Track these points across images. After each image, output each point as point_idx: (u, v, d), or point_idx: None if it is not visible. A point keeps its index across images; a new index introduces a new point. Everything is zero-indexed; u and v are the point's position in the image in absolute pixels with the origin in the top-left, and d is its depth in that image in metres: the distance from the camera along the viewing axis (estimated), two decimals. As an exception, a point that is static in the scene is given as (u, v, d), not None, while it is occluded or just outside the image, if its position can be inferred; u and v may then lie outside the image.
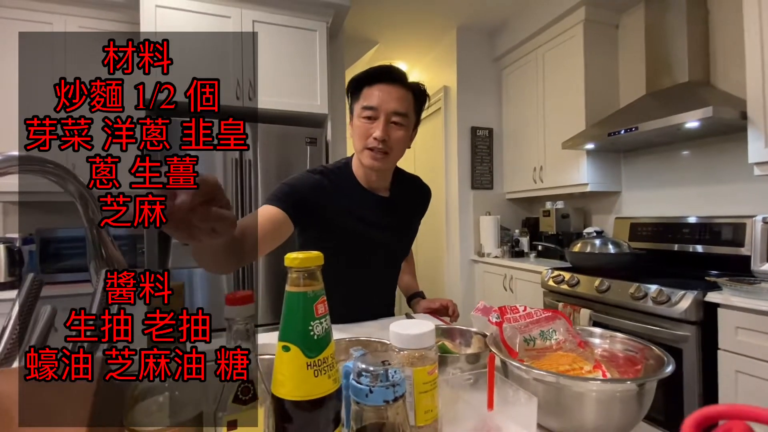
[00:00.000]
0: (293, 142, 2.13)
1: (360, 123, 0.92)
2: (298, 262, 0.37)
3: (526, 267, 2.43)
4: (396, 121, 0.91)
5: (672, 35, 2.00)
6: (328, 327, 0.38)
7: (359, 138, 0.92)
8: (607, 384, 0.49)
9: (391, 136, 0.91)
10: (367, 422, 0.41)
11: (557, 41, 2.58)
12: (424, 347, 0.51)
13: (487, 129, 3.14)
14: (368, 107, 0.90)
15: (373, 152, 0.91)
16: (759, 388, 1.33)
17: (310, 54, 2.25)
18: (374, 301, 1.07)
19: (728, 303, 1.40)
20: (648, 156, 2.34)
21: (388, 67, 0.93)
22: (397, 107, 0.90)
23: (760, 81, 1.57)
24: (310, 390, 0.36)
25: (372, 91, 0.91)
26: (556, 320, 0.66)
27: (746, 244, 1.76)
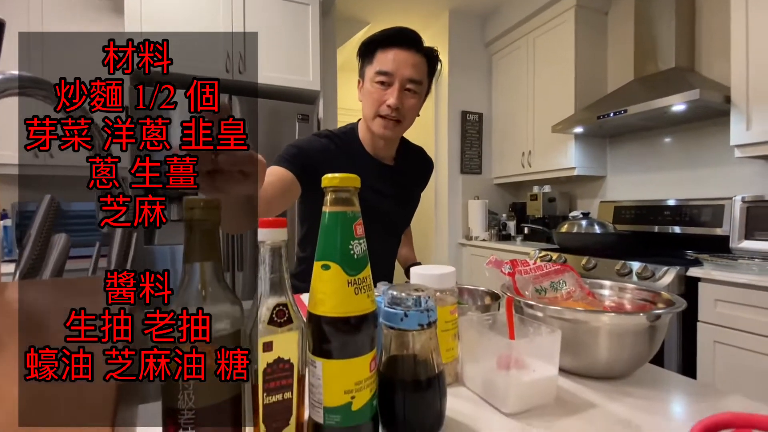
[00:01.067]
0: (284, 118, 2.09)
1: (373, 88, 0.88)
2: (338, 181, 0.37)
3: (513, 249, 2.48)
4: (410, 89, 0.88)
5: (659, 22, 2.05)
6: (365, 249, 0.38)
7: (371, 104, 0.89)
8: (621, 317, 0.50)
9: (405, 104, 0.88)
10: (402, 348, 0.41)
11: (548, 27, 2.60)
12: (446, 288, 0.52)
13: (477, 114, 3.16)
14: (383, 72, 0.86)
15: (385, 120, 0.88)
16: (735, 356, 1.40)
17: (303, 28, 2.20)
18: (373, 269, 1.07)
19: (709, 277, 1.47)
20: (632, 142, 2.41)
21: (405, 29, 0.89)
22: (413, 74, 0.87)
23: (744, 66, 1.63)
24: (352, 307, 0.36)
25: (387, 55, 0.87)
26: (565, 273, 0.68)
27: (723, 225, 1.84)
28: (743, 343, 1.38)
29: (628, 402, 0.47)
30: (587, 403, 0.47)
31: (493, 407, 0.46)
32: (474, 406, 0.47)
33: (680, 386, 0.52)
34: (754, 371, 1.35)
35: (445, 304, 0.52)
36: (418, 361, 0.41)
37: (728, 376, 1.42)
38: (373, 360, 0.38)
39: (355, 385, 0.36)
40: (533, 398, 0.45)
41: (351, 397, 0.36)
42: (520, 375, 0.44)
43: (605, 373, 0.53)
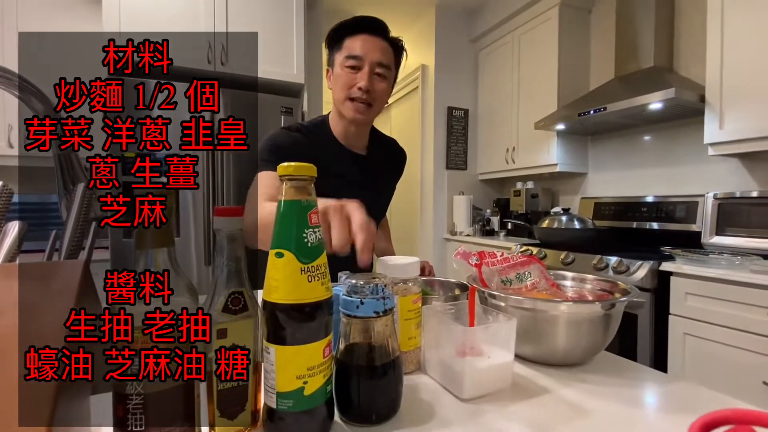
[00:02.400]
0: (268, 111, 2.07)
1: (343, 72, 0.90)
2: (293, 170, 0.37)
3: (496, 244, 2.51)
4: (380, 73, 0.90)
5: (640, 22, 2.09)
6: (321, 237, 0.39)
7: (342, 88, 0.90)
8: (577, 306, 0.52)
9: (375, 88, 0.90)
10: (358, 336, 0.42)
11: (533, 24, 2.62)
12: (409, 277, 0.53)
13: (463, 110, 3.17)
14: (352, 56, 0.88)
15: (356, 103, 0.90)
16: (703, 348, 1.45)
17: (287, 21, 2.18)
18: (351, 258, 1.08)
19: (680, 271, 1.51)
20: (613, 139, 2.45)
21: (372, 17, 0.91)
22: (382, 58, 0.90)
23: (718, 67, 1.67)
24: (304, 294, 0.36)
25: (355, 41, 0.89)
26: (531, 264, 0.69)
27: (697, 221, 1.90)
28: (712, 335, 1.43)
29: (581, 387, 0.49)
30: (542, 388, 0.48)
31: (451, 393, 0.47)
32: (433, 392, 0.48)
33: (632, 372, 0.54)
34: (722, 362, 1.40)
35: (408, 294, 0.53)
36: (374, 348, 0.42)
37: (697, 367, 1.47)
38: (327, 346, 0.38)
39: (307, 371, 0.36)
40: (489, 384, 0.46)
41: (303, 382, 0.36)
42: (476, 362, 0.45)
43: (563, 361, 0.55)
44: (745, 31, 1.58)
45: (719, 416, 0.27)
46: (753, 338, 1.32)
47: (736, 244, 1.66)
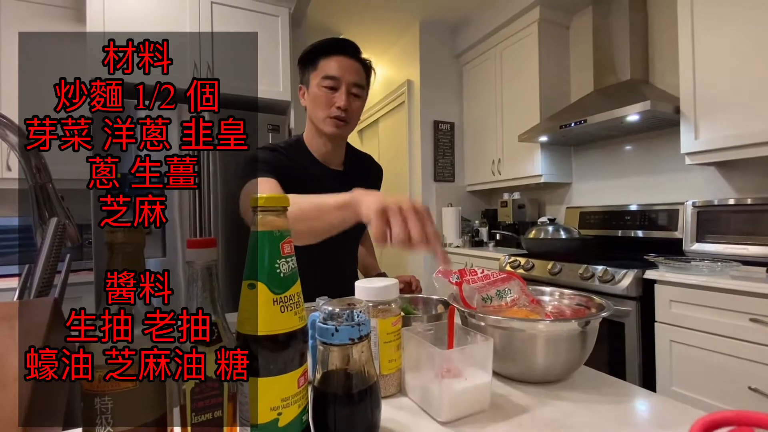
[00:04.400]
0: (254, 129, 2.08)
1: (321, 92, 0.94)
2: (264, 201, 0.38)
3: (485, 255, 2.53)
4: (355, 93, 0.95)
5: (616, 36, 2.16)
6: (294, 267, 0.39)
7: (322, 107, 0.94)
8: (554, 324, 0.53)
9: (352, 106, 0.95)
10: (334, 363, 0.42)
11: (514, 39, 2.70)
12: (387, 299, 0.53)
13: (449, 123, 3.22)
14: (330, 77, 0.93)
15: (335, 120, 0.94)
16: (690, 354, 1.47)
17: (272, 39, 2.21)
18: (336, 270, 1.08)
19: (663, 279, 1.54)
20: (595, 150, 2.51)
21: (345, 40, 0.96)
22: (357, 79, 0.95)
23: (691, 79, 1.73)
24: (276, 325, 0.36)
25: (330, 62, 0.93)
26: (511, 281, 0.70)
27: (679, 228, 1.94)
28: (697, 341, 1.45)
29: (559, 406, 0.49)
30: (520, 408, 0.49)
31: (430, 416, 0.47)
32: (412, 415, 0.48)
33: (611, 388, 0.54)
34: (708, 368, 1.42)
35: (387, 316, 0.53)
36: (351, 375, 0.42)
37: (685, 373, 1.49)
38: (302, 376, 0.38)
39: (281, 402, 0.36)
40: (467, 406, 0.47)
41: (278, 414, 0.36)
42: (453, 384, 0.46)
43: (542, 378, 0.55)
44: (716, 43, 1.64)
45: (720, 417, 0.27)
46: (737, 344, 1.34)
47: (716, 251, 1.69)
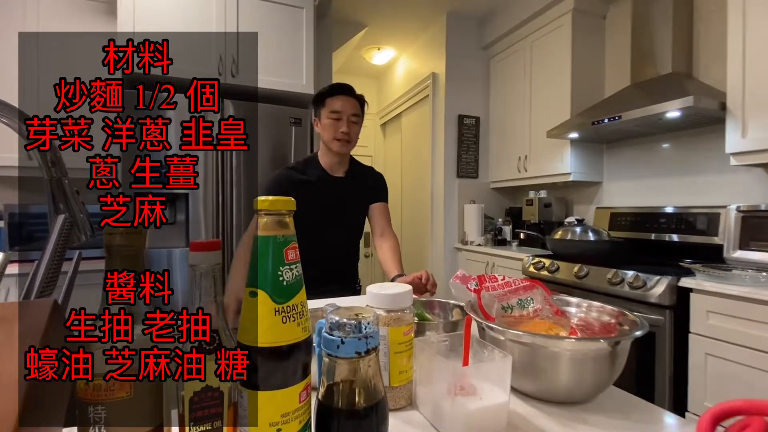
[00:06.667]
0: (277, 122, 2.08)
1: (329, 122, 1.28)
2: (268, 204, 0.35)
3: (508, 254, 2.46)
4: (354, 120, 1.29)
5: (657, 27, 2.02)
6: (298, 274, 0.37)
7: (330, 132, 1.28)
8: (581, 343, 0.49)
9: (351, 130, 1.29)
10: (339, 376, 0.40)
11: (545, 30, 2.58)
12: (400, 307, 0.51)
13: (474, 117, 3.14)
14: (335, 111, 1.27)
15: (341, 141, 1.28)
16: (726, 369, 1.37)
17: (296, 32, 2.20)
18: (340, 263, 1.38)
19: (701, 288, 1.44)
20: (629, 147, 2.38)
21: (344, 84, 1.32)
22: (354, 110, 1.30)
23: (740, 73, 1.60)
24: (277, 337, 0.34)
25: (335, 100, 1.28)
26: (533, 289, 0.66)
27: (719, 234, 1.81)
28: (735, 356, 1.35)
29: (582, 430, 0.45)
30: (539, 430, 0.45)
31: (441, 434, 0.44)
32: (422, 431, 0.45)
33: (639, 413, 0.50)
34: (745, 386, 1.32)
35: (399, 325, 0.51)
36: (356, 389, 0.39)
37: (719, 389, 1.39)
38: (304, 390, 0.36)
39: (281, 417, 0.34)
40: (481, 426, 0.43)
41: (277, 430, 0.34)
42: (467, 402, 0.43)
43: (565, 399, 0.51)
44: (769, 35, 1.51)
45: (730, 407, 0.27)
46: (780, 361, 1.24)
47: (760, 260, 1.57)
